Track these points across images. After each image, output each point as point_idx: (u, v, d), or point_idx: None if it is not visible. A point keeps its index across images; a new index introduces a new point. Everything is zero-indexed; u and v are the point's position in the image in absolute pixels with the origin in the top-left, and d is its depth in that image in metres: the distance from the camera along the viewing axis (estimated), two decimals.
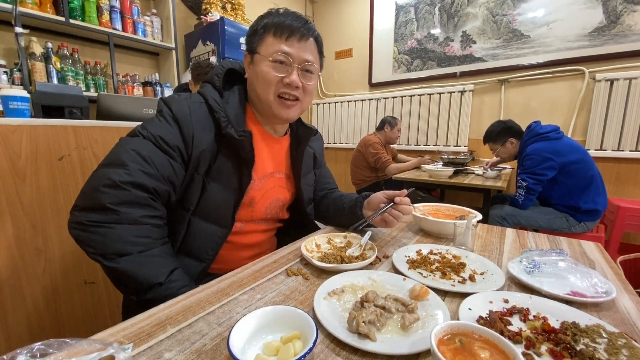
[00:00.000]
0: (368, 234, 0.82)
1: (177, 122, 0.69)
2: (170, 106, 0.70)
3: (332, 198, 0.98)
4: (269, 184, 0.84)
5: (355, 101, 3.69)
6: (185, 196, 0.72)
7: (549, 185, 1.80)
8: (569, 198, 1.80)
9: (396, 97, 3.37)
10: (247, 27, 2.56)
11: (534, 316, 0.49)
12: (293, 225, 0.97)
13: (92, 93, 2.19)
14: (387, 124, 2.85)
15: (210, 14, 2.55)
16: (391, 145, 3.04)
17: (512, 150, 2.09)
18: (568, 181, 1.78)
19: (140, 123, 0.72)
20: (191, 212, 0.72)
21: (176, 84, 2.55)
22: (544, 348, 0.42)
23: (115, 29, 2.24)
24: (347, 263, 0.67)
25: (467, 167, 2.50)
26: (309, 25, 0.75)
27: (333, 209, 0.94)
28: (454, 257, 0.72)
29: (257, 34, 0.75)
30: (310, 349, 0.37)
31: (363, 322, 0.44)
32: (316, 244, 0.78)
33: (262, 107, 0.78)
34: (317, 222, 0.98)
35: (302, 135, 0.90)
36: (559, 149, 1.78)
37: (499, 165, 2.72)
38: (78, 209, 0.60)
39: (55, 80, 2.01)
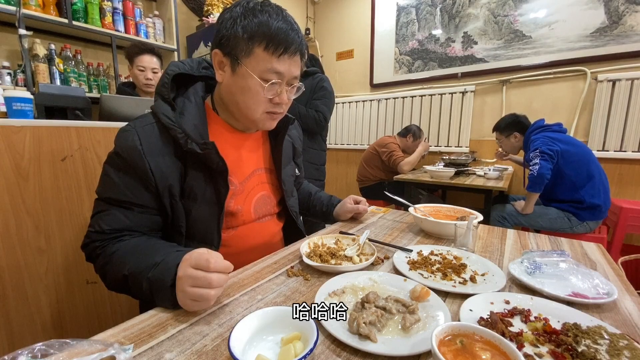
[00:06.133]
0: (366, 232, 0.82)
1: (127, 165, 0.64)
2: (117, 150, 0.66)
3: (301, 194, 1.07)
4: (250, 184, 0.81)
5: (356, 102, 3.69)
6: (174, 222, 0.70)
7: (553, 179, 1.81)
8: (573, 191, 1.82)
9: (397, 97, 3.37)
10: None
11: (535, 317, 0.49)
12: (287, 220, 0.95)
13: (95, 94, 2.20)
14: (412, 134, 2.77)
15: (212, 16, 2.56)
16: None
17: (515, 144, 2.13)
18: (571, 172, 1.81)
19: None
20: (185, 236, 0.71)
21: None
22: (545, 349, 0.42)
23: (117, 31, 2.25)
24: (342, 264, 0.67)
25: (469, 168, 2.50)
26: (300, 34, 0.68)
27: (300, 205, 1.03)
28: (455, 258, 0.72)
29: (239, 39, 0.64)
30: (311, 350, 0.37)
31: (364, 323, 0.44)
32: (315, 244, 0.78)
33: (242, 118, 0.74)
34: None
35: (279, 125, 0.83)
36: (561, 138, 1.86)
37: (499, 166, 2.71)
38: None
39: (58, 82, 2.02)
